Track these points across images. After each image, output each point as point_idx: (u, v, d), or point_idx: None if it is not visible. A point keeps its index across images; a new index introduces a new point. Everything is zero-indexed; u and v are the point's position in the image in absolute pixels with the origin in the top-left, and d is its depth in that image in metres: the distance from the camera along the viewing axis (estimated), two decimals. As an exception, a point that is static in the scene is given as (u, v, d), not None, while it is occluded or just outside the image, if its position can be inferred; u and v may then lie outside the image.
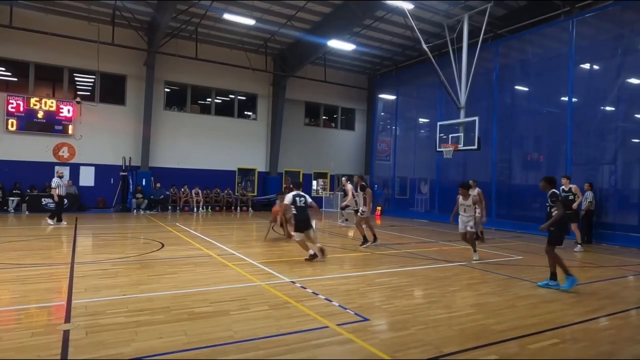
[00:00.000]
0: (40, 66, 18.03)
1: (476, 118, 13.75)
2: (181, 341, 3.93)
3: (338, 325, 4.45)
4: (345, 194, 14.35)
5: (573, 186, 10.94)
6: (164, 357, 3.59)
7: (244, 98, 22.82)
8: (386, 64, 23.38)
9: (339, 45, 18.21)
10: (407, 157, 21.27)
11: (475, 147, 13.78)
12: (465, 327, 4.57)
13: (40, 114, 17.52)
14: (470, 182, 10.51)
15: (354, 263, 8.55)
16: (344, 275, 7.24)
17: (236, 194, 21.34)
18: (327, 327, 4.41)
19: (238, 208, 20.79)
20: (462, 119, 14.53)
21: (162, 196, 19.22)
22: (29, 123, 17.32)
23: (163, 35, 17.97)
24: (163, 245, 9.49)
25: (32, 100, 17.39)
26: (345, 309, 5.04)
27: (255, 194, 22.41)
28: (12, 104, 17.04)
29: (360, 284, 6.54)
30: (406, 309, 5.21)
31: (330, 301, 5.34)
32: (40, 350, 3.63)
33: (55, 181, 13.05)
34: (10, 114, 17.01)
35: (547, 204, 6.60)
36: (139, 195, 18.69)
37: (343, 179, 14.73)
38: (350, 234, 13.36)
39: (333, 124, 26.31)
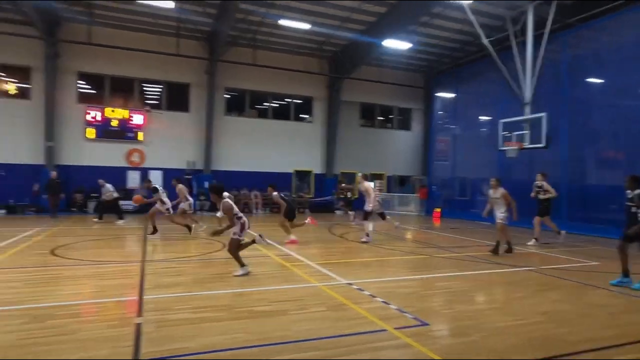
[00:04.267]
0: (115, 78, 19.51)
1: (544, 114, 12.93)
2: (242, 338, 4.06)
3: (396, 328, 4.37)
4: (367, 194, 11.20)
5: None
6: (226, 353, 3.72)
7: (300, 101, 23.20)
8: (444, 61, 22.69)
9: (395, 44, 17.94)
10: (468, 156, 20.47)
11: (543, 145, 12.96)
12: (533, 335, 4.30)
13: (114, 123, 18.95)
14: (492, 181, 9.49)
15: (412, 266, 8.37)
16: (401, 278, 7.11)
17: (293, 195, 21.71)
18: (385, 330, 4.35)
19: (295, 210, 21.09)
20: (528, 116, 13.73)
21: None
22: (105, 131, 18.81)
23: (223, 44, 18.78)
24: (224, 246, 9.86)
25: (108, 110, 18.87)
26: (404, 312, 4.94)
27: (312, 195, 22.66)
28: (91, 114, 18.59)
29: (419, 288, 6.38)
30: (468, 314, 5.00)
31: (388, 304, 5.26)
32: (115, 341, 3.91)
33: (108, 187, 15.16)
34: (89, 124, 18.57)
35: (631, 205, 6.08)
36: (202, 197, 19.61)
37: (359, 175, 12.91)
38: (409, 236, 13.10)
39: (389, 125, 25.97)
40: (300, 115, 23.40)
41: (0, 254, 8.14)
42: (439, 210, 20.47)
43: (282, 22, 16.62)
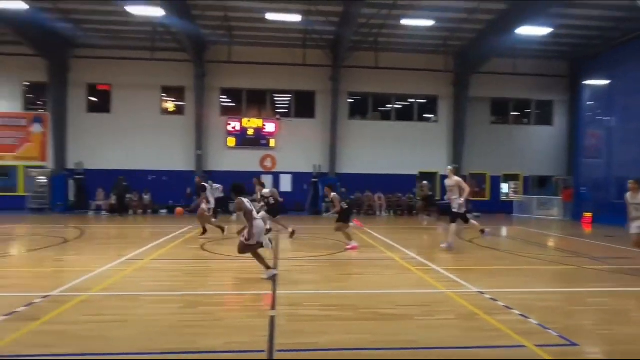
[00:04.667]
0: (250, 91, 21.54)
1: None
2: (367, 339, 4.08)
3: (537, 346, 3.92)
4: (458, 191, 9.82)
5: None
6: (352, 353, 3.78)
7: (423, 101, 22.54)
8: (594, 44, 19.71)
9: (531, 31, 16.23)
10: (627, 153, 17.38)
11: None
12: None
13: (250, 132, 20.91)
14: (631, 183, 7.50)
15: (556, 277, 7.44)
16: (543, 290, 6.37)
17: (418, 197, 21.14)
18: (523, 346, 3.94)
19: (351, 214, 20.55)
20: None
21: (347, 200, 20.50)
22: (242, 139, 20.88)
23: (346, 50, 19.28)
24: (347, 247, 10.07)
25: (245, 121, 20.91)
26: (546, 328, 4.41)
27: (439, 197, 21.77)
28: (231, 125, 20.83)
29: (565, 302, 5.64)
30: (630, 338, 4.24)
31: (527, 318, 4.75)
32: (253, 331, 4.28)
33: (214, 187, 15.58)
34: (230, 133, 20.82)
35: None
36: (328, 200, 20.33)
37: (448, 168, 10.72)
38: (551, 243, 11.69)
39: (525, 120, 23.56)
40: (425, 115, 22.71)
41: (163, 247, 9.58)
42: (589, 214, 17.84)
43: (405, 21, 16.37)
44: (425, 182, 17.86)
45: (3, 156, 20.09)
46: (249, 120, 20.95)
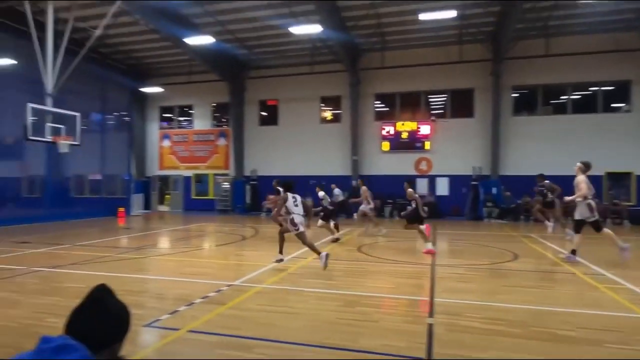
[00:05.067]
0: (403, 95, 21.42)
1: None
2: (542, 362, 3.61)
3: None
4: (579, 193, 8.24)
5: None
6: (523, 374, 3.39)
7: (610, 88, 19.01)
8: None
9: None
10: None
11: None
12: None
13: (404, 135, 20.78)
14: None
15: None
16: None
17: (604, 202, 17.90)
18: None
19: (607, 219, 17.32)
20: None
21: (513, 205, 18.62)
22: (396, 143, 20.89)
23: (509, 40, 17.58)
24: (516, 256, 9.12)
25: (399, 124, 20.88)
26: None
27: (634, 202, 18.08)
28: (385, 129, 21.05)
29: None
30: None
31: None
32: (410, 336, 4.21)
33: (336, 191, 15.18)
34: (384, 138, 21.07)
35: None
36: (490, 204, 18.83)
37: (578, 164, 8.58)
38: None
39: None
40: (612, 105, 19.14)
41: (324, 248, 10.20)
42: None
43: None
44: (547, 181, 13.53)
45: (198, 166, 24.33)
46: (402, 124, 20.87)
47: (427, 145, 20.52)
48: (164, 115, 25.45)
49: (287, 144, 22.45)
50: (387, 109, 21.93)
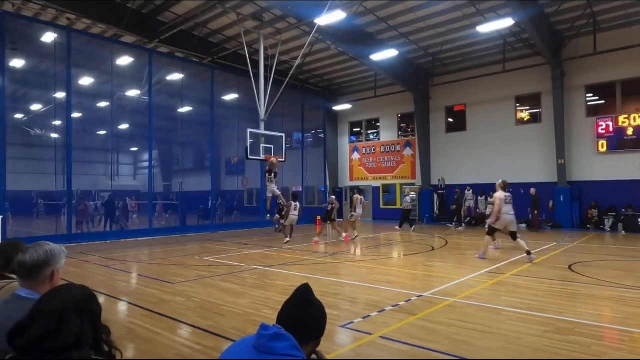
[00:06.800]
0: (626, 82, 17.54)
1: None
2: None
3: None
4: None
5: None
6: None
7: None
8: None
9: None
10: None
11: None
12: None
13: (629, 131, 16.97)
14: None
15: None
16: None
17: None
18: None
19: None
20: None
21: None
22: (618, 142, 17.21)
23: None
24: None
25: (621, 119, 17.19)
26: None
27: None
28: (602, 126, 17.61)
29: None
30: None
31: None
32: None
33: None
34: (600, 136, 17.62)
35: None
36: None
37: None
38: None
39: None
40: None
41: (523, 265, 9.12)
42: None
43: None
44: None
45: (386, 176, 25.04)
46: (626, 117, 17.11)
47: (664, 141, 16.30)
48: (353, 129, 27.19)
49: (477, 150, 21.07)
50: (603, 101, 18.37)
